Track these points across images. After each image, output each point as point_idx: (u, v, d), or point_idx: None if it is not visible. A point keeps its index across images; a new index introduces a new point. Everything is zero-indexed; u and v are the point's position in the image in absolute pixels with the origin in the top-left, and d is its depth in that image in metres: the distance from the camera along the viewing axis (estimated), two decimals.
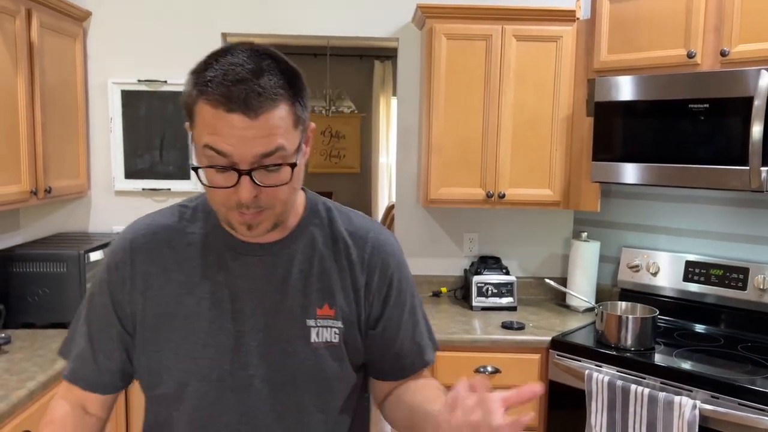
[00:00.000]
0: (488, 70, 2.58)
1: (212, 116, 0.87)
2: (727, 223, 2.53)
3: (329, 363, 1.03)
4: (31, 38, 2.32)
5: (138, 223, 1.09)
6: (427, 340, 1.17)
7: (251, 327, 1.01)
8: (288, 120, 0.90)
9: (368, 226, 1.11)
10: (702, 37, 2.23)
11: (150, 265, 1.04)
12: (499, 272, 2.81)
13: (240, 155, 0.88)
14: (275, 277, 1.03)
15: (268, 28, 2.89)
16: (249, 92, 0.85)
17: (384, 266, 1.09)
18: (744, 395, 1.90)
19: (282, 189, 0.93)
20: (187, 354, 1.01)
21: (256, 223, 0.95)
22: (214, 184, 0.92)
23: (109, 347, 1.06)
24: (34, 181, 2.34)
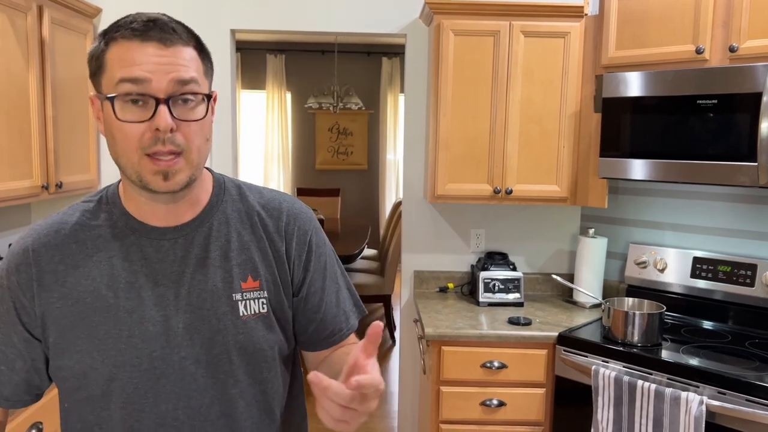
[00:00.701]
0: (496, 66, 2.58)
1: (126, 50, 0.90)
2: (735, 219, 2.53)
3: (261, 333, 1.04)
4: (42, 34, 2.34)
5: (37, 226, 1.05)
6: (351, 305, 1.18)
7: (176, 310, 1.00)
8: (199, 65, 0.96)
9: (280, 198, 1.13)
10: (710, 33, 2.23)
11: (58, 263, 1.00)
12: (506, 268, 2.82)
13: (157, 81, 0.90)
14: (193, 257, 1.02)
15: (276, 25, 2.90)
16: (163, 26, 0.91)
17: (301, 233, 1.10)
18: (751, 391, 1.90)
19: (196, 129, 0.94)
20: (112, 347, 0.98)
21: (172, 171, 0.93)
22: (131, 120, 0.90)
23: (10, 357, 1.01)
24: (45, 176, 2.37)
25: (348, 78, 6.94)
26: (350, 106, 6.34)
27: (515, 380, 2.41)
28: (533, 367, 2.41)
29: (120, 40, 0.91)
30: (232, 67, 2.97)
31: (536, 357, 2.41)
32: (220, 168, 2.97)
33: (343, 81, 6.83)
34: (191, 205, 1.04)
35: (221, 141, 2.97)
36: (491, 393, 2.41)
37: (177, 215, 1.02)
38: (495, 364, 2.40)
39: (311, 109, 6.90)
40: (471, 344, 2.40)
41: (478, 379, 2.40)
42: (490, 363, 2.40)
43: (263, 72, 6.97)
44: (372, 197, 7.29)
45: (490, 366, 2.40)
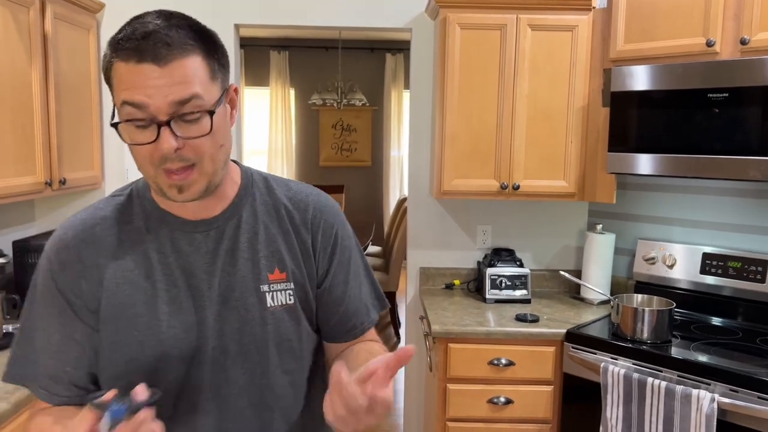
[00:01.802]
0: (503, 60, 2.56)
1: (126, 71, 0.88)
2: (745, 214, 2.50)
3: (287, 324, 1.06)
4: (45, 29, 2.32)
5: (71, 221, 1.05)
6: (373, 299, 1.19)
7: (209, 301, 1.02)
8: (202, 71, 0.91)
9: (307, 191, 1.14)
10: (721, 25, 2.19)
11: (99, 257, 1.01)
12: (513, 264, 2.79)
13: (156, 105, 0.88)
14: (223, 249, 1.04)
15: (280, 19, 2.87)
16: (157, 42, 0.88)
17: (327, 225, 1.12)
18: (763, 389, 1.88)
19: (204, 142, 0.92)
20: (153, 338, 1.00)
21: (186, 184, 0.93)
22: (136, 142, 0.91)
23: (74, 355, 1.02)
24: (48, 172, 2.35)
25: (352, 74, 6.91)
26: (354, 102, 6.31)
27: (523, 377, 2.39)
28: (541, 364, 2.39)
29: (118, 61, 0.89)
30: (236, 63, 2.94)
31: (544, 354, 2.38)
32: None
33: (346, 77, 6.80)
34: (219, 199, 1.04)
35: None
36: (498, 390, 2.39)
37: (207, 208, 1.04)
38: (502, 361, 2.38)
39: (315, 106, 6.88)
40: (478, 341, 2.38)
41: (485, 376, 2.38)
42: (497, 360, 2.38)
43: (267, 68, 6.95)
44: (376, 194, 7.27)
45: (497, 363, 2.38)
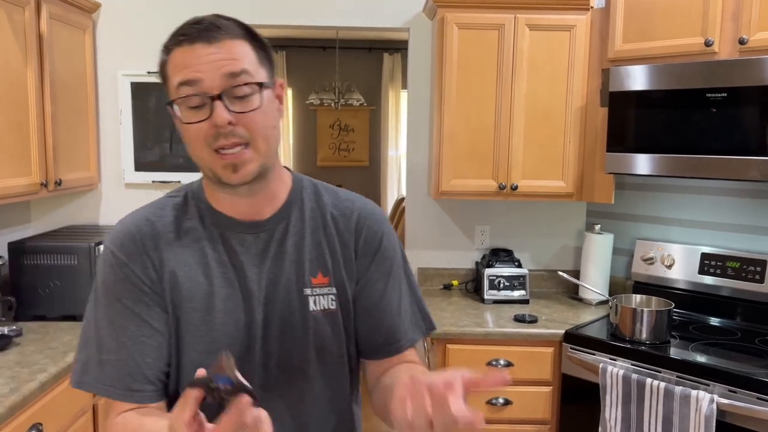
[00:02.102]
0: (500, 60, 2.55)
1: (180, 55, 0.94)
2: (743, 214, 2.49)
3: (328, 329, 1.06)
4: (40, 29, 2.31)
5: (131, 216, 1.07)
6: (417, 319, 1.16)
7: (257, 302, 1.04)
8: (250, 54, 0.96)
9: (354, 198, 1.15)
10: (720, 25, 2.19)
11: (160, 251, 1.03)
12: (511, 265, 2.79)
13: (209, 79, 0.92)
14: (271, 251, 1.05)
15: (278, 19, 2.86)
16: (209, 25, 0.95)
17: (371, 232, 1.11)
18: (762, 389, 1.87)
19: (256, 118, 0.94)
20: (206, 334, 1.01)
21: (240, 162, 0.94)
22: (191, 121, 0.93)
23: (154, 345, 1.01)
24: (44, 173, 2.34)
25: (349, 74, 6.90)
26: (352, 102, 6.29)
27: (521, 378, 2.38)
28: (539, 365, 2.38)
29: (173, 48, 0.95)
30: None
31: (542, 355, 2.38)
32: None
33: (344, 77, 6.79)
34: (270, 201, 1.06)
35: None
36: (497, 391, 2.38)
37: (257, 210, 1.05)
38: (501, 362, 2.37)
39: (312, 106, 6.87)
40: (476, 342, 2.37)
41: None
42: (495, 361, 2.37)
43: None
44: (373, 194, 7.26)
45: (495, 364, 2.37)
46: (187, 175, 2.91)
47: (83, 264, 2.33)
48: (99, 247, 2.39)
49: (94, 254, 2.35)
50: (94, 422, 2.12)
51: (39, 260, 2.33)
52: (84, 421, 2.03)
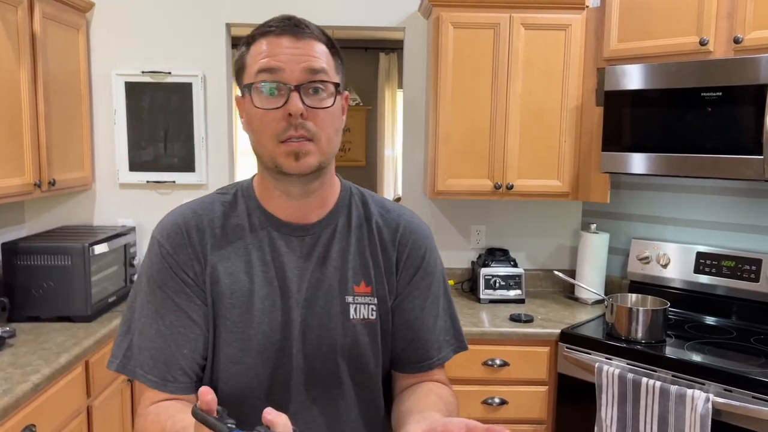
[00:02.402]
0: (496, 60, 2.54)
1: (264, 44, 0.98)
2: (738, 213, 2.49)
3: (366, 339, 1.06)
4: (33, 29, 2.29)
5: (181, 208, 1.08)
6: (450, 336, 1.16)
7: (296, 304, 1.04)
8: (329, 60, 1.00)
9: (400, 210, 1.15)
10: (714, 24, 2.19)
11: (205, 244, 1.04)
12: (507, 264, 2.78)
13: (289, 70, 0.95)
14: (316, 256, 1.06)
15: None
16: (296, 22, 0.99)
17: (415, 247, 1.11)
18: (758, 388, 1.87)
19: (325, 117, 0.98)
20: (242, 331, 1.02)
21: (303, 151, 0.96)
22: (266, 107, 0.96)
23: (191, 337, 1.02)
24: (37, 173, 2.33)
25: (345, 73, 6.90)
26: None
27: (517, 378, 2.38)
28: (535, 364, 2.38)
29: (259, 38, 0.99)
30: (228, 61, 2.92)
31: (538, 354, 2.37)
32: (216, 164, 2.93)
33: None
34: (319, 206, 1.07)
35: (217, 136, 2.93)
36: (493, 391, 2.38)
37: (306, 213, 1.06)
38: (497, 362, 2.37)
39: None
40: (472, 342, 2.36)
41: (479, 377, 2.37)
42: (491, 361, 2.37)
43: None
44: None
45: (491, 364, 2.37)
46: (182, 175, 2.90)
47: (77, 264, 2.32)
48: (93, 248, 2.37)
49: (88, 255, 2.34)
50: (89, 424, 2.11)
51: (33, 261, 2.31)
52: (78, 422, 2.02)
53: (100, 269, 2.45)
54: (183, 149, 2.89)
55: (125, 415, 2.40)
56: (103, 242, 2.46)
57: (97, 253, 2.40)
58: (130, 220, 2.92)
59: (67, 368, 1.96)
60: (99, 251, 2.42)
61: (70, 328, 2.26)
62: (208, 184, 2.93)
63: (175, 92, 2.86)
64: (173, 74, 2.84)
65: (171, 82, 2.85)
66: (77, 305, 2.32)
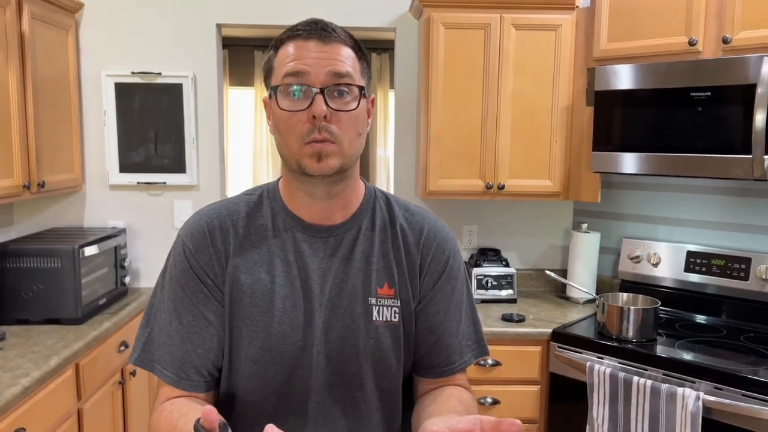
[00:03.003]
0: (487, 60, 2.55)
1: (292, 48, 0.99)
2: (728, 212, 2.51)
3: (388, 342, 1.07)
4: (22, 30, 2.28)
5: (206, 209, 1.11)
6: (472, 341, 1.16)
7: (319, 304, 1.05)
8: (355, 63, 1.02)
9: (425, 214, 1.16)
10: (703, 24, 2.20)
11: (228, 245, 1.06)
12: (499, 264, 2.79)
13: (315, 73, 0.97)
14: (339, 257, 1.07)
15: (263, 19, 2.85)
16: (323, 26, 1.01)
17: (439, 250, 1.12)
18: (748, 386, 1.88)
19: (348, 120, 0.99)
20: (262, 331, 1.03)
21: (325, 152, 0.98)
22: (291, 109, 0.98)
23: (206, 337, 1.05)
24: (26, 175, 2.31)
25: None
26: None
27: (509, 378, 2.38)
28: (527, 364, 2.38)
29: (286, 41, 1.01)
30: (219, 62, 2.91)
31: (530, 354, 2.38)
32: (207, 165, 2.92)
33: None
34: (343, 208, 1.08)
35: (208, 137, 2.92)
36: (485, 391, 2.38)
37: (330, 215, 1.07)
38: (489, 361, 2.37)
39: None
40: None
41: (471, 377, 2.35)
42: (483, 360, 2.37)
43: (251, 69, 6.89)
44: None
45: (483, 364, 2.37)
46: (173, 176, 2.89)
47: (67, 267, 2.31)
48: (83, 250, 2.36)
49: (78, 257, 2.32)
50: (79, 427, 2.10)
51: (22, 263, 2.30)
52: (68, 425, 2.01)
53: (90, 271, 2.43)
54: (173, 150, 2.88)
55: (116, 418, 2.38)
56: (93, 244, 2.45)
57: (87, 255, 2.39)
58: (121, 222, 2.91)
59: (57, 371, 1.94)
60: (89, 253, 2.41)
61: (59, 330, 2.24)
62: (199, 185, 2.92)
63: (165, 93, 2.84)
64: (163, 75, 2.83)
65: (161, 83, 2.84)
66: (67, 308, 2.31)
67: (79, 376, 2.10)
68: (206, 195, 2.91)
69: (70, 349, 2.05)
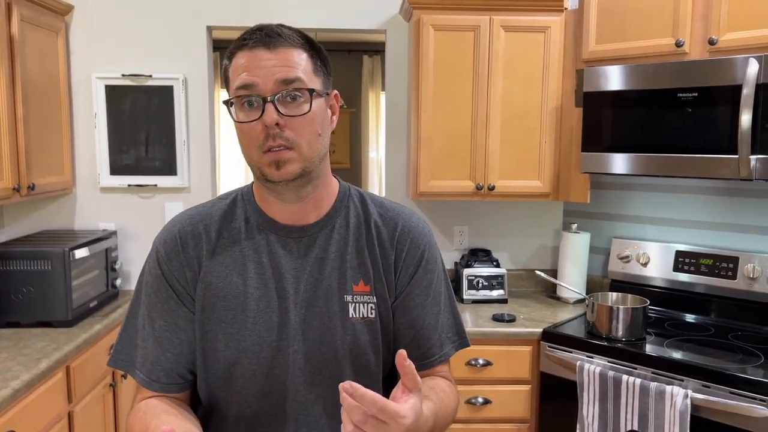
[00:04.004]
0: (476, 62, 2.56)
1: (240, 59, 1.00)
2: (716, 212, 2.53)
3: (366, 338, 1.08)
4: (11, 32, 2.27)
5: (180, 215, 1.13)
6: (452, 333, 1.17)
7: (294, 304, 1.06)
8: (307, 64, 1.01)
9: (399, 209, 1.17)
10: (690, 26, 2.22)
11: (200, 250, 1.08)
12: (490, 265, 2.80)
13: (263, 83, 0.98)
14: (313, 256, 1.08)
15: (253, 21, 2.81)
16: (269, 32, 1.00)
17: (413, 245, 1.13)
18: (735, 384, 1.90)
19: (303, 124, 0.99)
20: (237, 333, 1.05)
21: (283, 160, 0.99)
22: (244, 120, 1.00)
23: (175, 342, 1.07)
24: (16, 177, 2.30)
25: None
26: None
27: (500, 377, 2.40)
28: (518, 363, 2.39)
29: (236, 52, 1.01)
30: (209, 64, 2.92)
31: (521, 354, 2.39)
32: (198, 167, 2.92)
33: None
34: (316, 207, 1.09)
35: (199, 139, 2.92)
36: (476, 391, 2.39)
37: (302, 216, 1.09)
38: (480, 361, 2.38)
39: None
40: None
41: (463, 377, 2.38)
42: (474, 360, 2.38)
43: None
44: None
45: (474, 363, 2.38)
46: (164, 178, 2.88)
47: (57, 269, 2.30)
48: (74, 252, 2.36)
49: (69, 259, 2.32)
50: (70, 429, 2.09)
51: (12, 266, 2.29)
52: (59, 428, 2.01)
53: (80, 274, 2.43)
54: (164, 152, 2.88)
55: (107, 421, 2.38)
56: (83, 246, 2.44)
57: (77, 258, 2.39)
58: (112, 224, 2.90)
59: (47, 374, 1.94)
60: (80, 256, 2.40)
61: (50, 333, 2.24)
62: (190, 187, 2.92)
63: (156, 95, 2.84)
64: (154, 77, 2.83)
65: (152, 85, 2.84)
66: (57, 310, 2.30)
67: (69, 378, 2.09)
68: (197, 197, 2.91)
69: (60, 351, 2.05)
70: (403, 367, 0.85)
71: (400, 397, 0.87)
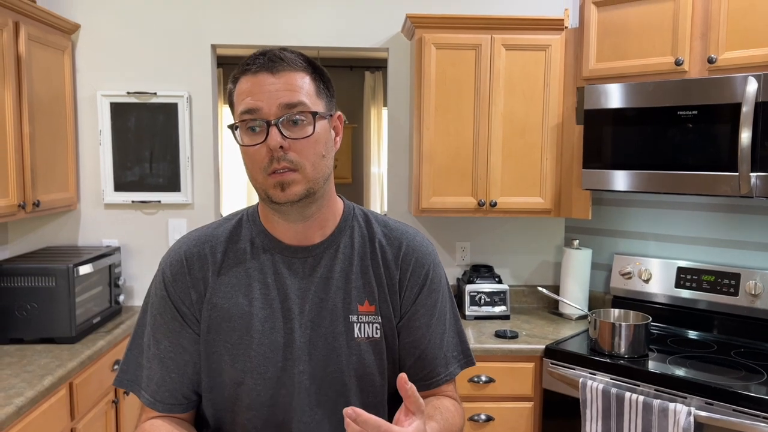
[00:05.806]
0: (478, 79, 2.59)
1: (244, 83, 1.02)
2: (717, 229, 2.54)
3: (371, 358, 1.08)
4: (18, 51, 2.30)
5: (187, 236, 1.14)
6: (457, 352, 1.18)
7: (299, 325, 1.06)
8: (310, 87, 1.03)
9: (404, 229, 1.17)
10: (689, 45, 2.25)
11: (206, 271, 1.09)
12: (492, 281, 2.81)
13: (267, 107, 0.99)
14: (318, 276, 1.09)
15: (257, 40, 2.88)
16: (272, 57, 1.02)
17: (418, 265, 1.13)
18: (739, 401, 1.90)
19: (307, 146, 1.01)
20: (243, 353, 1.05)
21: (287, 181, 1.00)
22: (249, 144, 1.01)
23: (180, 363, 1.08)
24: (22, 194, 2.32)
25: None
26: None
27: (503, 394, 2.39)
28: (521, 380, 2.39)
29: (240, 77, 1.03)
30: (214, 82, 2.94)
31: (523, 370, 2.39)
32: (201, 184, 2.94)
33: None
34: (320, 227, 1.10)
35: (203, 156, 2.94)
36: (479, 408, 2.39)
37: (308, 236, 1.09)
38: (482, 378, 2.38)
39: None
40: None
41: (465, 393, 2.38)
42: (477, 377, 2.38)
43: None
44: None
45: (477, 380, 2.38)
46: (168, 195, 2.90)
47: (62, 285, 2.31)
48: (78, 269, 2.37)
49: (73, 275, 2.33)
50: None
51: (16, 282, 2.30)
52: None
53: (84, 290, 2.44)
54: (168, 169, 2.90)
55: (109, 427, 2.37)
56: (87, 263, 2.45)
57: (81, 274, 2.40)
58: (115, 241, 2.91)
59: (50, 390, 1.94)
60: (83, 272, 2.41)
61: (53, 349, 2.24)
62: (194, 204, 2.94)
63: (160, 112, 2.87)
64: (159, 95, 2.86)
65: (156, 103, 2.86)
66: (61, 327, 2.31)
67: (72, 395, 2.09)
68: (201, 214, 2.92)
69: (64, 368, 2.05)
70: (405, 390, 0.86)
71: (404, 420, 0.88)
